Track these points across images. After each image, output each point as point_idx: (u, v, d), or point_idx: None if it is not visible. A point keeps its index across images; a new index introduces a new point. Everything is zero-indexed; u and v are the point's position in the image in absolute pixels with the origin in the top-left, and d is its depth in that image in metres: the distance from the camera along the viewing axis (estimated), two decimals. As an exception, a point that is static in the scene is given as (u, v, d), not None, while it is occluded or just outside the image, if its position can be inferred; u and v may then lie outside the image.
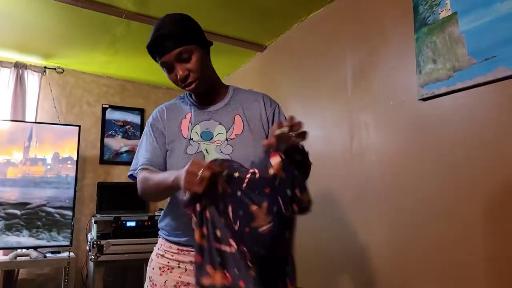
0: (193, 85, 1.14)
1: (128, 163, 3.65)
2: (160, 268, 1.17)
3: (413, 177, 1.71)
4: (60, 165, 3.04)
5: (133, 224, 3.04)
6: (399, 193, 1.77)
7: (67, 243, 2.93)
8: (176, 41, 1.09)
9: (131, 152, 3.70)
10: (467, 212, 1.47)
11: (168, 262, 1.16)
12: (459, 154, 1.51)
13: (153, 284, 1.17)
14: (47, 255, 2.88)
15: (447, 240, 1.53)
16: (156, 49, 1.12)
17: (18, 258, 2.77)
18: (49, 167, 3.02)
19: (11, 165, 2.90)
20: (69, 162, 3.08)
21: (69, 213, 2.98)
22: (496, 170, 1.38)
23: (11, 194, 2.85)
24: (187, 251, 1.14)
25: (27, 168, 2.94)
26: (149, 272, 1.21)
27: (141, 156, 1.20)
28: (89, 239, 3.00)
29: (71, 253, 2.89)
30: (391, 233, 1.79)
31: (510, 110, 1.35)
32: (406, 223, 1.72)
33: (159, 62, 1.14)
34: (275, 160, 0.88)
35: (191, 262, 1.11)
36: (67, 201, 2.99)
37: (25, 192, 2.89)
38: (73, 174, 3.05)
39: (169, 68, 1.14)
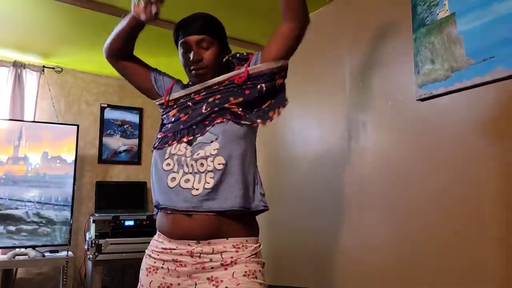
0: (200, 71, 1.22)
1: (127, 163, 3.71)
2: (147, 269, 1.18)
3: (410, 178, 1.71)
4: (48, 164, 3.00)
5: (131, 223, 3.04)
6: (397, 193, 1.78)
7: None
8: (203, 28, 1.21)
9: (130, 151, 3.70)
10: (464, 212, 1.47)
11: (155, 262, 1.16)
12: (457, 154, 1.52)
13: (141, 285, 1.19)
14: (46, 254, 2.88)
15: (443, 241, 1.54)
16: (183, 27, 1.22)
17: (17, 257, 2.76)
18: (33, 166, 2.97)
19: (-1, 164, 2.88)
20: (58, 161, 3.03)
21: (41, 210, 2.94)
22: (494, 170, 1.39)
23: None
24: (169, 249, 1.13)
25: (9, 167, 2.91)
26: (140, 273, 1.22)
27: None
28: (87, 239, 2.99)
29: (70, 252, 2.89)
30: (389, 233, 1.80)
31: (507, 110, 1.36)
32: (404, 224, 1.72)
33: (180, 41, 1.22)
34: None
35: (173, 260, 1.12)
36: (42, 199, 2.95)
37: (3, 191, 2.86)
38: (55, 173, 3.01)
39: (186, 49, 1.22)
